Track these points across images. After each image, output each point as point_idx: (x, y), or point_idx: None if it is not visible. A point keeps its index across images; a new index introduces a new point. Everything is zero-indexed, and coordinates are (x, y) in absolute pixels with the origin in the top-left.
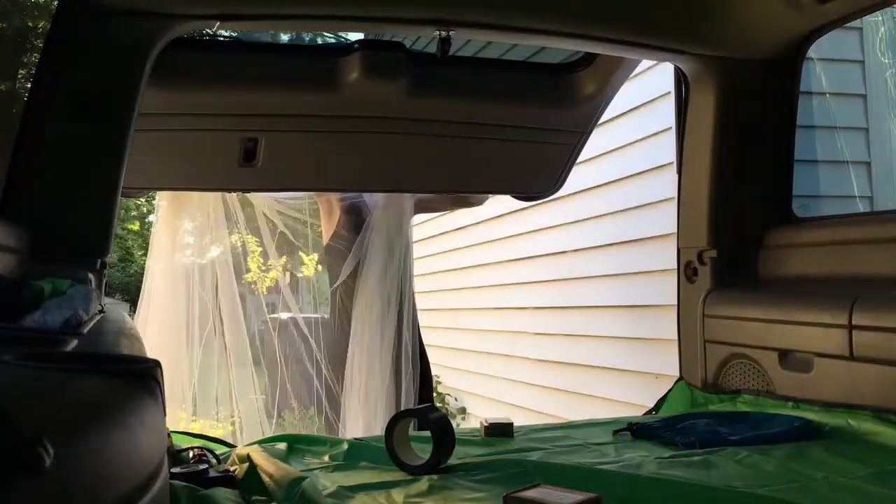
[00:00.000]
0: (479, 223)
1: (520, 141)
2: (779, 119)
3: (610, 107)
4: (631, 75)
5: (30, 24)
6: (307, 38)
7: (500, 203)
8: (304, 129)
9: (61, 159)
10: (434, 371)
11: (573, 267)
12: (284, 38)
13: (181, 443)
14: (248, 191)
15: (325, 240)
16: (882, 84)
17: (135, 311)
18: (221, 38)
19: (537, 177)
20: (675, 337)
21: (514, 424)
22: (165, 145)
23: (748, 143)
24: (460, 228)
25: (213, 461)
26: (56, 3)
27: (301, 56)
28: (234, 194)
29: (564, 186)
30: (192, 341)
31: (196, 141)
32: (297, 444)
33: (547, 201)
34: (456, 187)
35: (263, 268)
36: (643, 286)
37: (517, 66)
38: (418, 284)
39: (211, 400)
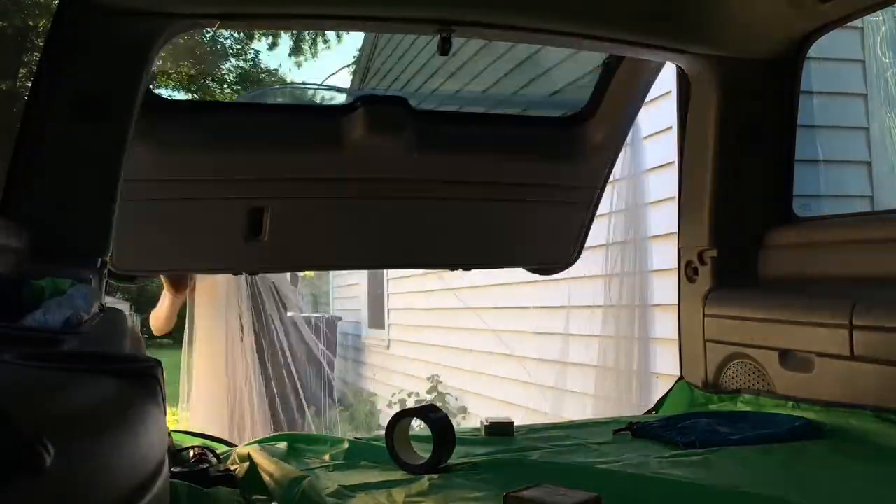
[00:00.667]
0: None
1: (532, 201)
2: (779, 119)
3: None
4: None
5: (30, 23)
6: (307, 94)
7: None
8: (311, 196)
9: (61, 159)
10: (434, 371)
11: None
12: (283, 99)
13: (182, 442)
14: (256, 272)
15: None
16: (882, 84)
17: (135, 311)
18: (220, 100)
19: (553, 245)
20: (676, 336)
21: (515, 424)
22: (161, 219)
23: (749, 143)
24: None
25: (214, 460)
26: (56, 2)
27: (303, 116)
28: None
29: None
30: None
31: (197, 212)
32: (297, 444)
33: None
34: (469, 261)
35: None
36: (644, 286)
37: (523, 121)
38: (419, 283)
39: None
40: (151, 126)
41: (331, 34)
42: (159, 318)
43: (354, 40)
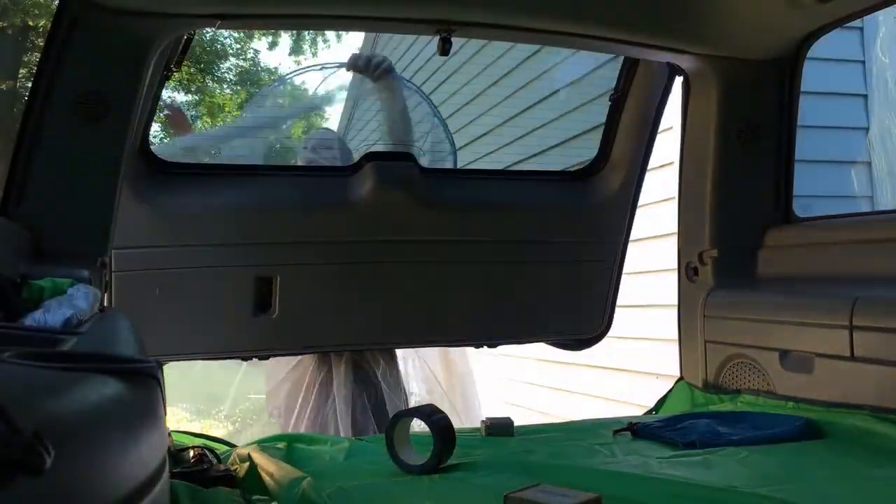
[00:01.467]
0: None
1: (553, 262)
2: (779, 119)
3: None
4: None
5: (30, 23)
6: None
7: None
8: (321, 262)
9: (61, 159)
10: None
11: None
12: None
13: (182, 442)
14: (266, 356)
15: None
16: (882, 84)
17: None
18: (227, 164)
19: (582, 310)
20: (676, 336)
21: (515, 424)
22: (162, 294)
23: (748, 143)
24: None
25: (214, 461)
26: (56, 2)
27: (310, 178)
28: None
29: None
30: None
31: (201, 284)
32: (297, 444)
33: None
34: (491, 336)
35: None
36: (644, 286)
37: (534, 176)
38: None
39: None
40: (150, 189)
41: (331, 34)
42: None
43: (354, 40)
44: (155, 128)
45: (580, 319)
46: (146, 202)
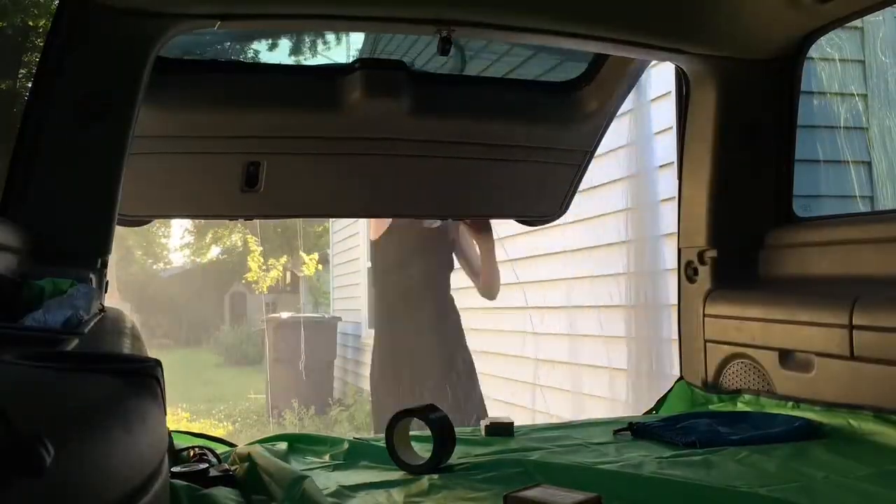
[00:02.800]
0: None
1: (524, 161)
2: (779, 119)
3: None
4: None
5: (30, 23)
6: (306, 58)
7: None
8: (307, 152)
9: (61, 159)
10: None
11: (575, 266)
12: (285, 59)
13: (181, 442)
14: (250, 217)
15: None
16: (882, 84)
17: (135, 311)
18: (222, 60)
19: (542, 200)
20: (676, 336)
21: (515, 424)
22: (165, 171)
23: (748, 143)
24: None
25: (214, 460)
26: (56, 2)
27: (302, 77)
28: None
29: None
30: None
31: (197, 165)
32: (297, 444)
33: None
34: (460, 212)
35: (264, 268)
36: (645, 286)
37: (520, 85)
38: None
39: None
40: (155, 86)
41: (330, 36)
42: (490, 275)
43: (354, 41)
44: None
45: (540, 206)
46: (145, 95)
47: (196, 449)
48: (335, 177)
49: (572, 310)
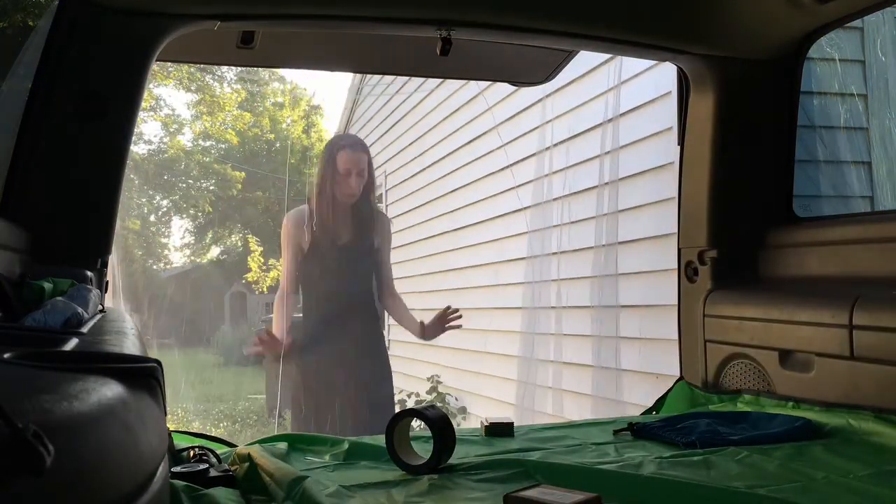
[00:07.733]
0: (478, 223)
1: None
2: (779, 119)
3: (610, 107)
4: (630, 77)
5: (31, 23)
6: None
7: (501, 203)
8: (303, 15)
9: (61, 159)
10: (434, 371)
11: (575, 267)
12: None
13: (181, 442)
14: (247, 66)
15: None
16: (882, 84)
17: (135, 311)
18: None
19: (537, 64)
20: (676, 337)
21: (515, 424)
22: None
23: (748, 143)
24: (460, 228)
25: (214, 461)
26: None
27: None
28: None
29: (564, 186)
30: None
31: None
32: (297, 444)
33: (548, 201)
34: (450, 73)
35: (264, 268)
36: (645, 286)
37: None
38: (419, 284)
39: None
40: None
41: None
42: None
43: None
44: None
45: (535, 69)
46: None
47: (196, 449)
48: (326, 37)
49: (570, 310)
